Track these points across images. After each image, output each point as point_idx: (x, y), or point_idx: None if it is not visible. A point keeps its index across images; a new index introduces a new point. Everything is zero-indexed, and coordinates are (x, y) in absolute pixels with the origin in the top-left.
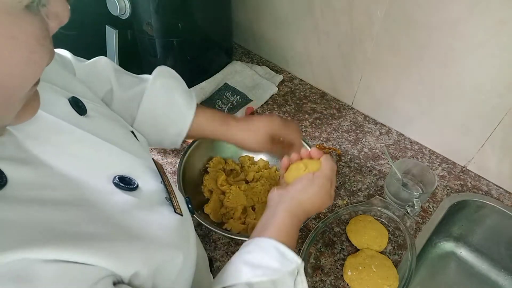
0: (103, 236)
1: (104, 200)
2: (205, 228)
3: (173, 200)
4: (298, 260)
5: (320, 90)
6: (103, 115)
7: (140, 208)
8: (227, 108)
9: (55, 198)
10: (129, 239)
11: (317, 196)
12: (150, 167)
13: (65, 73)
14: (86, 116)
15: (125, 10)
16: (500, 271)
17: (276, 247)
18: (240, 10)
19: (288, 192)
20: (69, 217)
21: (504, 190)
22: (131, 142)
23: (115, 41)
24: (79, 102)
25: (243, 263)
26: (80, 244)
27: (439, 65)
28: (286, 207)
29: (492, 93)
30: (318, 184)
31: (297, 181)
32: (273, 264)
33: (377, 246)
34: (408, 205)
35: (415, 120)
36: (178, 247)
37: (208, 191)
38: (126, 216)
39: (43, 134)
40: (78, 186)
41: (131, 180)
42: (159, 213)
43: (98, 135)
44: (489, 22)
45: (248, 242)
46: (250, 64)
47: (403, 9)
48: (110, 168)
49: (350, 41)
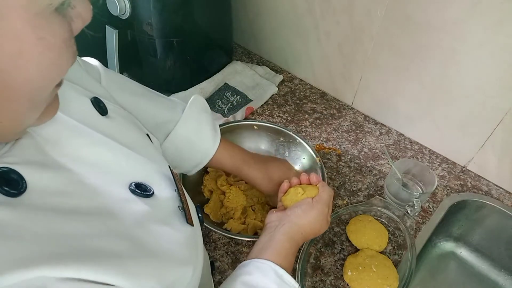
0: (121, 253)
1: (121, 209)
2: (205, 228)
3: (186, 210)
4: (295, 284)
5: (320, 90)
6: (122, 117)
7: (154, 219)
8: (227, 108)
9: (75, 207)
10: (145, 256)
11: (316, 221)
12: (165, 174)
13: (87, 75)
14: (107, 117)
15: (125, 10)
16: (500, 271)
17: (275, 270)
18: (240, 10)
19: (287, 215)
20: (88, 229)
21: (504, 190)
22: (147, 145)
23: (115, 41)
24: (100, 103)
25: (242, 284)
26: (99, 262)
27: (439, 65)
28: (285, 231)
29: (492, 93)
30: (317, 209)
31: (296, 205)
32: (272, 287)
33: (377, 246)
34: (408, 205)
35: (415, 120)
36: (189, 262)
37: (208, 191)
38: (141, 229)
39: (63, 137)
40: (96, 193)
41: (147, 187)
42: (171, 226)
43: (116, 139)
44: (489, 22)
45: (246, 263)
46: (250, 64)
47: (403, 9)
48: (128, 174)
49: (350, 41)
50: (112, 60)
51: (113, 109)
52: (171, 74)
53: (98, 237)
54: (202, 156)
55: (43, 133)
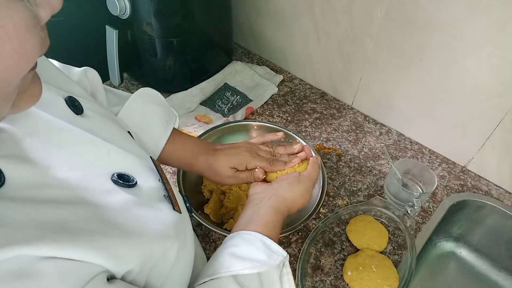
0: (99, 234)
1: (102, 199)
2: (205, 228)
3: (172, 198)
4: (284, 253)
5: (320, 90)
6: (100, 115)
7: (138, 204)
8: (227, 108)
9: (53, 198)
10: (126, 236)
11: (302, 196)
12: (148, 165)
13: (61, 73)
14: (83, 116)
15: (125, 10)
16: (500, 271)
17: (262, 240)
18: (240, 10)
19: (273, 188)
20: (66, 216)
21: (504, 190)
22: (128, 141)
23: (115, 41)
24: (75, 102)
25: (230, 256)
26: (77, 242)
27: (439, 65)
28: (271, 203)
29: (492, 93)
30: (304, 185)
31: (282, 178)
32: (261, 257)
33: (377, 246)
34: (408, 205)
35: (415, 120)
36: (174, 238)
37: (208, 191)
38: (124, 214)
39: (42, 132)
40: (76, 185)
41: (130, 177)
42: (158, 210)
43: (95, 134)
44: (489, 22)
45: (233, 235)
46: (250, 64)
47: (403, 9)
48: (109, 166)
49: (350, 41)
50: (112, 60)
51: (90, 107)
52: (171, 74)
53: (76, 222)
54: (151, 151)
55: (23, 127)
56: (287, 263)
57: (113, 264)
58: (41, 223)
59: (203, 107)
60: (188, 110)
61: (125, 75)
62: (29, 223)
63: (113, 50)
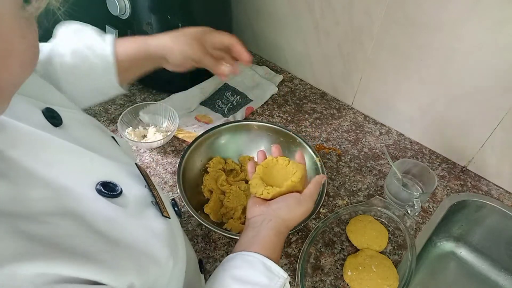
0: (94, 248)
1: (88, 209)
2: (205, 228)
3: (160, 204)
4: (285, 275)
5: (320, 90)
6: (80, 123)
7: (125, 214)
8: (227, 108)
9: (40, 210)
10: (118, 249)
11: (301, 216)
12: (134, 172)
13: (41, 81)
14: (61, 127)
15: (125, 10)
16: (500, 271)
17: (263, 262)
18: (240, 10)
19: (272, 210)
20: (58, 229)
21: (504, 190)
22: (111, 147)
23: None
24: (53, 113)
25: (231, 278)
26: (73, 257)
27: (439, 65)
28: (271, 226)
29: (492, 93)
30: (305, 206)
31: (282, 199)
32: (262, 280)
33: (377, 246)
34: (408, 205)
35: (415, 120)
36: (168, 254)
37: (208, 191)
38: (112, 224)
39: (21, 143)
40: (60, 196)
41: (115, 186)
42: (146, 219)
43: (77, 143)
44: (489, 22)
45: (233, 256)
46: (250, 64)
47: (403, 9)
48: (92, 174)
49: (350, 41)
50: None
51: (71, 116)
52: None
53: (68, 236)
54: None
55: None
56: (288, 285)
57: (112, 278)
58: (26, 238)
59: (203, 107)
60: (188, 110)
61: None
62: (13, 238)
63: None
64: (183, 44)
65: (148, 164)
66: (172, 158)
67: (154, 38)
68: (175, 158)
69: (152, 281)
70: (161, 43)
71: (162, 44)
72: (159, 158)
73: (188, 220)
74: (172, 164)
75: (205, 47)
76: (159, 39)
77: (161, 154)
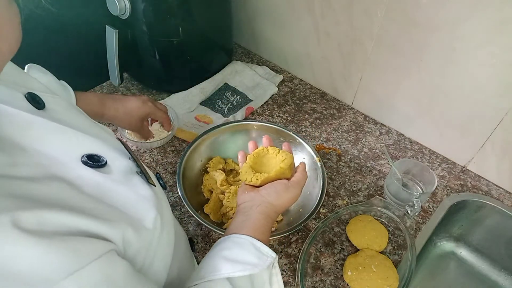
0: (82, 204)
1: (76, 176)
2: (205, 228)
3: (145, 174)
4: (273, 254)
5: (320, 90)
6: (63, 107)
7: (112, 181)
8: (227, 108)
9: (31, 175)
10: (109, 208)
11: (289, 202)
12: (117, 147)
13: (20, 71)
14: (45, 110)
15: (125, 10)
16: (500, 271)
17: (252, 243)
18: (240, 10)
19: (261, 195)
20: (48, 190)
21: (504, 190)
22: (95, 128)
23: (115, 41)
24: (36, 97)
25: (222, 259)
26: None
27: (439, 65)
28: (260, 210)
29: (492, 93)
30: (293, 192)
31: (270, 185)
32: (252, 260)
33: (377, 246)
34: (408, 205)
35: (415, 120)
36: (155, 212)
37: (208, 191)
38: (101, 188)
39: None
40: (50, 164)
41: (100, 157)
42: (132, 184)
43: (61, 123)
44: (489, 22)
45: (224, 239)
46: (250, 64)
47: (403, 9)
48: (77, 149)
49: (350, 41)
50: (112, 60)
51: (53, 101)
52: (171, 74)
53: (61, 195)
54: None
55: None
56: (276, 264)
57: (105, 229)
58: (17, 197)
59: (203, 107)
60: (188, 110)
61: (125, 75)
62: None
63: (113, 50)
64: (127, 124)
65: (148, 164)
66: (172, 158)
67: (108, 111)
68: (175, 158)
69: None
70: (112, 116)
71: (112, 117)
72: (159, 158)
73: (188, 220)
74: (172, 164)
75: (141, 126)
76: (111, 116)
77: (161, 154)
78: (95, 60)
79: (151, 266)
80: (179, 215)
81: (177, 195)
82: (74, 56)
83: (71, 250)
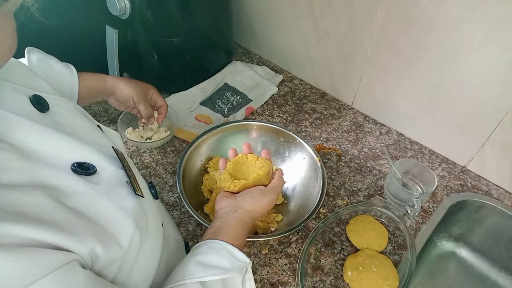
0: (53, 216)
1: (59, 183)
2: (205, 228)
3: (134, 184)
4: (247, 260)
5: (320, 90)
6: (67, 110)
7: (95, 191)
8: (227, 108)
9: (9, 181)
10: (80, 219)
11: (265, 207)
12: (110, 154)
13: (28, 70)
14: (48, 113)
15: (125, 10)
16: (500, 271)
17: (227, 249)
18: (240, 10)
19: (237, 202)
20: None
21: (504, 190)
22: (94, 132)
23: (115, 41)
24: (41, 100)
25: (195, 263)
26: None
27: (439, 65)
28: (236, 216)
29: (492, 93)
30: (269, 198)
31: (247, 192)
32: (225, 264)
33: (377, 246)
34: (408, 205)
35: (415, 120)
36: (132, 228)
37: (208, 191)
38: (80, 198)
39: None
40: (36, 169)
41: (89, 165)
42: (117, 196)
43: (58, 129)
44: (489, 22)
45: (200, 244)
46: (250, 64)
47: (403, 9)
48: (69, 156)
49: (350, 41)
50: (112, 60)
51: (58, 103)
52: (171, 74)
53: (34, 205)
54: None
55: None
56: (250, 269)
57: (72, 243)
58: None
59: (203, 107)
60: (188, 110)
61: (125, 75)
62: None
63: (113, 50)
64: (131, 86)
65: (148, 164)
66: (172, 158)
67: (112, 77)
68: (175, 158)
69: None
70: (115, 81)
71: (116, 81)
72: (159, 158)
73: (188, 220)
74: (172, 164)
75: (146, 97)
76: (114, 78)
77: (161, 154)
78: (95, 60)
79: (129, 277)
80: (179, 215)
81: (177, 195)
82: (74, 56)
83: (30, 262)
